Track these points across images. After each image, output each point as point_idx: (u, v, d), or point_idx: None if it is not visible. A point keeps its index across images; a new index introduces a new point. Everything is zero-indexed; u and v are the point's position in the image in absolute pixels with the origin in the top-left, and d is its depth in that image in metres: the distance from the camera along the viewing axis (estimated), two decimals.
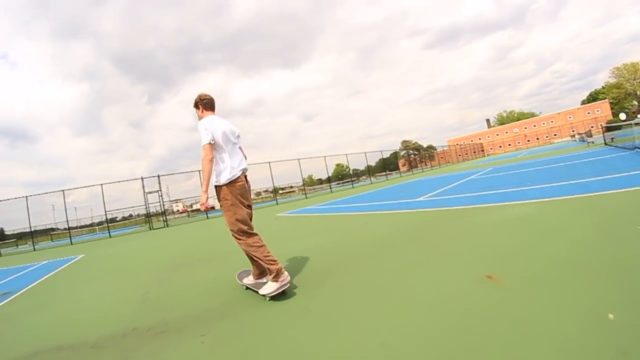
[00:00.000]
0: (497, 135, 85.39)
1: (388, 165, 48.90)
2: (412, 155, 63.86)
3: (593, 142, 26.45)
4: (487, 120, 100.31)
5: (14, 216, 18.25)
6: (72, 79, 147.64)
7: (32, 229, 18.52)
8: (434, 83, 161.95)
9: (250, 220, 3.13)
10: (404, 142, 78.10)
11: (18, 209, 17.57)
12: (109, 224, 21.36)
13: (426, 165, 53.96)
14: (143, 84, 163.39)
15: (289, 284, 2.88)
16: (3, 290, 6.13)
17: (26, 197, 17.92)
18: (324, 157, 29.87)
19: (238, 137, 3.26)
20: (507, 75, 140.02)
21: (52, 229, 34.32)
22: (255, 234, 3.04)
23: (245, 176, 3.16)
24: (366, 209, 8.46)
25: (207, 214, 22.48)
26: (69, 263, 8.83)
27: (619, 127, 26.38)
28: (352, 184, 34.44)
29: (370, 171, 38.96)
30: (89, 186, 20.09)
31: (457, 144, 60.42)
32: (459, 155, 58.22)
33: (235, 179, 3.00)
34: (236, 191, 3.00)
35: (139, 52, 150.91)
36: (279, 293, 2.79)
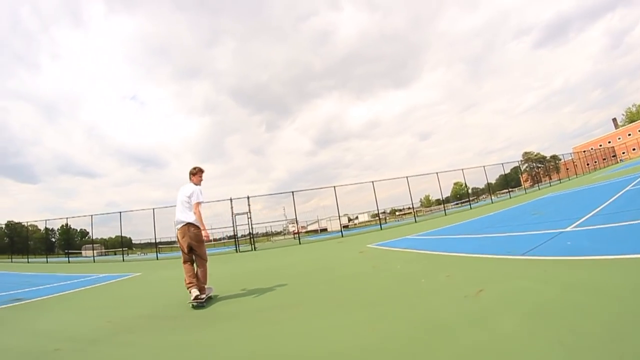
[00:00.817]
0: (629, 135, 70.29)
1: (509, 181, 43.67)
2: (535, 169, 56.56)
3: None
4: (614, 120, 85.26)
5: (142, 228, 21.22)
6: (195, 112, 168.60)
7: (154, 241, 21.02)
8: (549, 86, 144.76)
9: (189, 254, 4.69)
10: (525, 153, 69.54)
11: (147, 223, 20.40)
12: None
13: (551, 179, 46.77)
14: (261, 114, 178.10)
15: (196, 303, 4.23)
16: (23, 296, 6.56)
17: (120, 212, 20.66)
18: (437, 173, 25.00)
19: (189, 196, 4.78)
20: (627, 64, 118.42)
21: (171, 242, 37.83)
22: (184, 263, 4.68)
23: (183, 227, 4.67)
24: (486, 248, 5.32)
25: (299, 239, 22.07)
26: (108, 282, 9.00)
27: None
28: (470, 205, 29.56)
29: (490, 189, 33.78)
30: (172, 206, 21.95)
31: (584, 151, 51.64)
32: (587, 164, 49.60)
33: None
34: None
35: (254, 86, 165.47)
36: (199, 304, 4.26)
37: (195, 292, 4.31)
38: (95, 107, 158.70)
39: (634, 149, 65.59)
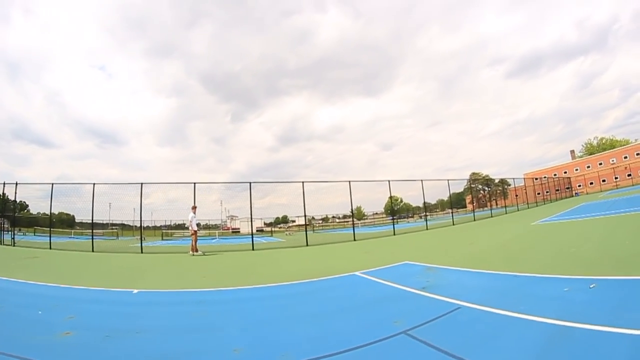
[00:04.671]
0: (588, 167, 63.88)
1: (460, 201, 38.98)
2: (481, 191, 50.98)
3: None
4: (572, 152, 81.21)
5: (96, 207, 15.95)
6: (162, 93, 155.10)
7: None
8: (515, 115, 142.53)
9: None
10: (473, 174, 63.86)
11: (101, 202, 15.50)
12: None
13: (497, 204, 41.26)
14: (228, 103, 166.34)
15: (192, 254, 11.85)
16: None
17: (52, 183, 15.46)
18: (389, 181, 19.11)
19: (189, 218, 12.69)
20: (591, 105, 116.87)
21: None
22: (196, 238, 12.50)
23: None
24: None
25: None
26: None
27: None
28: (427, 222, 22.74)
29: (451, 205, 26.30)
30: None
31: (536, 179, 46.26)
32: (538, 193, 44.25)
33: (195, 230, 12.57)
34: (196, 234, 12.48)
35: (225, 74, 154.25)
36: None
37: (191, 252, 11.94)
38: (61, 73, 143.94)
39: (591, 183, 60.56)
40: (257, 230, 41.99)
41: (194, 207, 12.75)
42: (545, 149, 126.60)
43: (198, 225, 12.53)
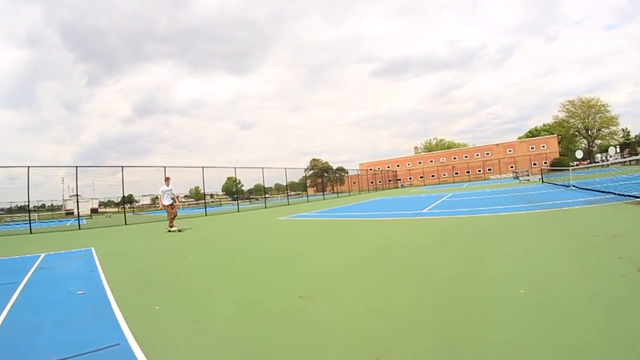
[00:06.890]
0: (420, 163, 70.20)
1: (301, 185, 38.69)
2: (320, 177, 51.83)
3: (528, 180, 25.81)
4: (415, 148, 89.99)
5: None
6: (12, 41, 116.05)
7: None
8: (375, 109, 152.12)
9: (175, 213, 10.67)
10: (313, 160, 65.27)
11: None
12: None
13: (333, 190, 42.21)
14: (86, 63, 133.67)
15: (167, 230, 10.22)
16: None
17: None
18: (202, 167, 20.27)
19: (170, 190, 10.45)
20: (446, 111, 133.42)
21: None
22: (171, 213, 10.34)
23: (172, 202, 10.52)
24: None
25: None
26: None
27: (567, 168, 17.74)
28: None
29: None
30: None
31: (370, 169, 49.02)
32: (371, 182, 46.98)
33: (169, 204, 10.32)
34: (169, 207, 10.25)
35: (89, 29, 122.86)
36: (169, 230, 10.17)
37: (167, 227, 10.33)
38: None
39: (421, 177, 67.18)
40: (91, 211, 39.02)
41: (167, 179, 10.79)
42: (398, 142, 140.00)
43: (174, 198, 10.61)
